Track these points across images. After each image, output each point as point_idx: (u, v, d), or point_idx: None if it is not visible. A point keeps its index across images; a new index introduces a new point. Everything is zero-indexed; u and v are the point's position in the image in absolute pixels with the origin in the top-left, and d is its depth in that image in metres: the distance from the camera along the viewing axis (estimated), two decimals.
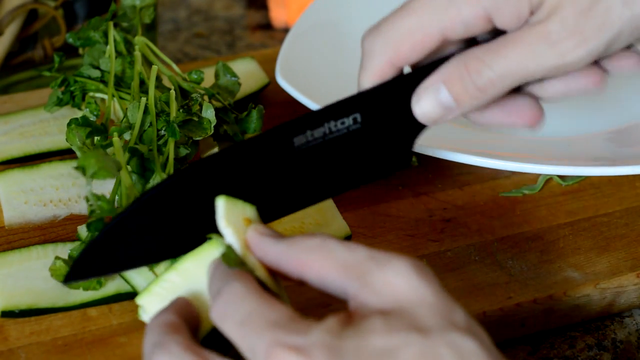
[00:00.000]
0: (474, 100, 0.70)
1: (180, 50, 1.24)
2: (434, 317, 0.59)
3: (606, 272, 0.81)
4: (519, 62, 0.68)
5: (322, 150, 0.71)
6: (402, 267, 0.61)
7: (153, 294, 0.69)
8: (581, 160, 0.87)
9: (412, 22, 0.70)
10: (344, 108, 0.71)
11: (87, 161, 0.73)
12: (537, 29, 0.67)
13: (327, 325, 0.58)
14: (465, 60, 0.69)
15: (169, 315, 0.65)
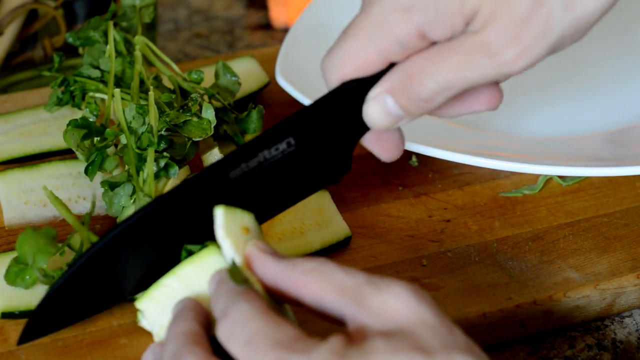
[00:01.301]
0: (420, 110, 0.70)
1: (180, 50, 1.24)
2: (435, 338, 0.59)
3: (606, 273, 0.81)
4: (460, 73, 0.67)
5: (259, 178, 0.72)
6: (400, 290, 0.61)
7: (152, 298, 0.70)
8: (581, 160, 0.87)
9: (351, 47, 0.70)
10: (276, 135, 0.72)
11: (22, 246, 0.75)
12: (474, 40, 0.66)
13: (330, 346, 0.58)
14: (409, 70, 0.68)
15: (190, 323, 0.65)
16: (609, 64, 1.03)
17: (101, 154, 0.85)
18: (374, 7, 0.68)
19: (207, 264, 0.68)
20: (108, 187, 0.81)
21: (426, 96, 0.68)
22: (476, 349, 0.60)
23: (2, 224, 0.86)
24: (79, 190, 0.89)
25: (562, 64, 1.03)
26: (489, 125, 0.93)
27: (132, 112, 0.83)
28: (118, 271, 0.72)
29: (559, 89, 1.00)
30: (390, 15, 0.66)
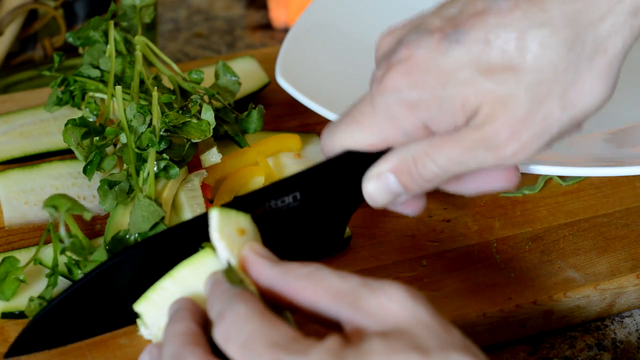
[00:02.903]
0: (421, 189, 0.72)
1: (180, 50, 1.24)
2: (432, 338, 0.59)
3: (606, 273, 0.81)
4: (460, 160, 0.69)
5: (264, 225, 0.73)
6: (395, 291, 0.61)
7: (150, 301, 0.70)
8: (581, 160, 0.87)
9: (354, 132, 0.73)
10: (285, 187, 0.74)
11: (58, 200, 0.75)
12: (475, 135, 0.68)
13: (327, 346, 0.59)
14: (413, 153, 0.71)
15: (188, 323, 0.65)
16: None
17: (100, 153, 0.85)
18: (379, 99, 0.70)
19: (203, 266, 0.68)
20: (107, 186, 0.81)
21: (428, 178, 0.71)
22: (473, 348, 0.60)
23: (2, 224, 0.86)
24: (78, 190, 0.89)
25: None
26: None
27: (133, 111, 0.83)
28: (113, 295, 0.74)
29: None
30: (396, 108, 0.69)
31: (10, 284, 0.77)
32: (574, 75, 0.66)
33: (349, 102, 0.93)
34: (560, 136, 0.69)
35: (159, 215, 0.79)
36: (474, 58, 0.67)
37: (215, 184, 0.89)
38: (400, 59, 0.69)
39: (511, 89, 0.66)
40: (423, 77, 0.68)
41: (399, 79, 0.69)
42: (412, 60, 0.68)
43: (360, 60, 1.01)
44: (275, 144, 0.93)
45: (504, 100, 0.66)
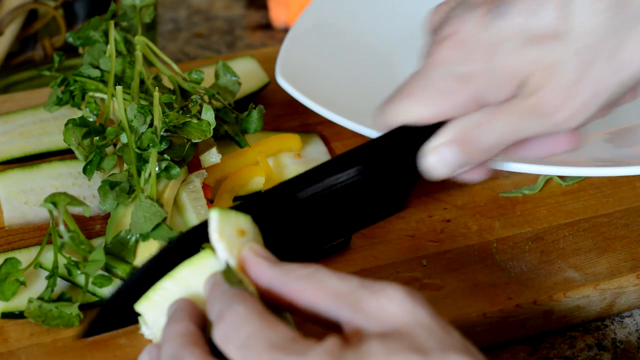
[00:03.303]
0: (479, 159, 0.73)
1: (180, 50, 1.24)
2: (431, 339, 0.59)
3: (606, 273, 0.81)
4: (514, 130, 0.71)
5: (324, 201, 0.73)
6: (395, 292, 0.61)
7: (151, 301, 0.70)
8: (581, 160, 0.87)
9: (407, 106, 0.73)
10: (346, 161, 0.74)
11: (58, 197, 0.76)
12: (525, 103, 0.70)
13: (325, 347, 0.59)
14: (467, 125, 0.72)
15: (186, 324, 0.65)
16: None
17: (100, 153, 0.85)
18: (430, 73, 0.71)
19: (204, 266, 0.68)
20: (108, 187, 0.82)
21: (484, 149, 0.72)
22: (472, 349, 0.60)
23: (2, 224, 0.86)
24: (78, 190, 0.89)
25: None
26: None
27: (134, 111, 0.83)
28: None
29: None
30: (447, 83, 0.71)
31: (10, 285, 0.77)
32: (620, 40, 0.67)
33: (349, 102, 0.94)
34: (614, 102, 0.70)
35: (160, 216, 0.79)
36: (519, 29, 0.68)
37: (215, 184, 0.89)
38: (447, 34, 0.70)
39: (558, 56, 0.67)
40: (471, 50, 0.69)
41: (448, 54, 0.70)
42: (459, 35, 0.70)
43: (360, 60, 1.02)
44: (275, 144, 0.93)
45: (552, 67, 0.68)
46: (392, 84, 0.99)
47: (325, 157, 0.94)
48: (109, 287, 0.78)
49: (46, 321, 0.76)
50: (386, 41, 1.05)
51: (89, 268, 0.76)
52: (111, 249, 0.80)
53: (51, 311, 0.76)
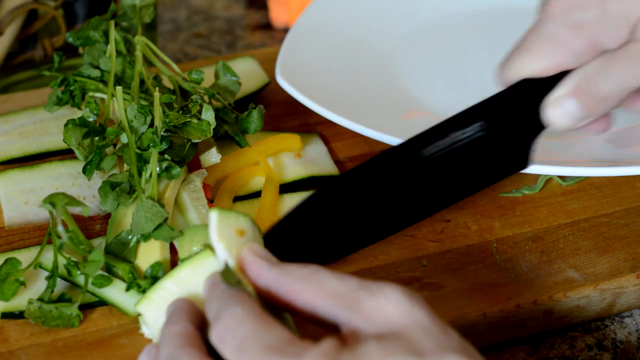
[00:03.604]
0: (601, 109, 0.75)
1: (180, 50, 1.24)
2: (429, 340, 0.59)
3: (606, 273, 0.81)
4: (631, 75, 0.73)
5: (448, 159, 0.75)
6: (393, 293, 0.61)
7: (151, 301, 0.70)
8: (581, 160, 0.87)
9: (528, 62, 0.75)
10: (469, 117, 0.75)
11: (56, 197, 0.76)
12: (637, 46, 0.72)
13: (322, 349, 0.58)
14: (586, 74, 0.74)
15: (184, 324, 0.65)
16: None
17: (99, 153, 0.85)
18: (545, 25, 0.74)
19: (203, 267, 0.68)
20: (109, 187, 0.82)
21: (603, 98, 0.74)
22: (471, 350, 0.60)
23: (2, 224, 0.86)
24: (78, 190, 0.89)
25: None
26: None
27: (134, 111, 0.83)
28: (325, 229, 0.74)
29: None
30: (562, 32, 0.73)
31: (10, 285, 0.77)
32: None
33: (349, 102, 0.94)
34: None
35: (162, 216, 0.79)
36: None
37: (215, 183, 0.89)
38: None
39: None
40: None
41: (561, 4, 0.73)
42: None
43: (361, 60, 1.02)
44: (275, 144, 0.93)
45: None
46: (392, 84, 0.99)
47: (326, 157, 0.94)
48: (109, 288, 0.78)
49: (46, 322, 0.76)
50: (386, 41, 1.05)
51: (89, 268, 0.76)
52: (112, 249, 0.80)
53: (51, 312, 0.76)
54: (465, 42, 1.07)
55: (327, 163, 0.93)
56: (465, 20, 1.10)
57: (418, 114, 0.95)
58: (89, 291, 0.78)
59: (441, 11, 1.10)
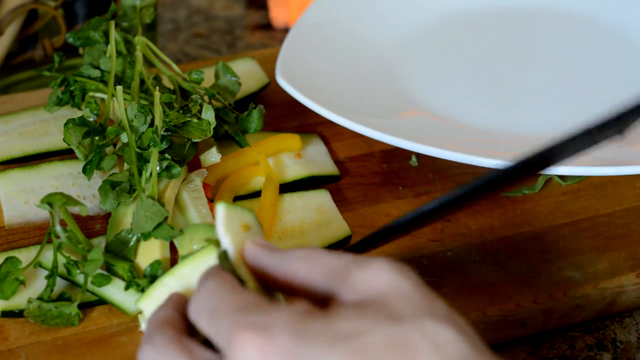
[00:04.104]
0: None
1: (180, 50, 1.24)
2: (409, 307, 0.58)
3: (606, 272, 0.81)
4: None
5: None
6: (381, 265, 0.61)
7: (152, 297, 0.70)
8: (581, 160, 0.87)
9: None
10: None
11: (54, 197, 0.76)
12: None
13: (294, 308, 0.58)
14: None
15: (165, 310, 0.66)
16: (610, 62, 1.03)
17: (99, 153, 0.85)
18: None
19: (205, 263, 0.68)
20: (109, 187, 0.82)
21: None
22: (458, 319, 0.58)
23: (2, 223, 0.86)
24: (78, 190, 0.89)
25: (562, 63, 1.04)
26: (489, 125, 0.93)
27: (134, 111, 0.83)
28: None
29: (559, 88, 1.00)
30: None
31: (10, 284, 0.77)
32: None
33: (349, 102, 0.94)
34: None
35: (162, 215, 0.79)
36: None
37: (215, 183, 0.89)
38: None
39: None
40: None
41: None
42: None
43: (361, 60, 1.02)
44: (275, 144, 0.93)
45: None
46: (392, 84, 1.00)
47: (326, 157, 0.94)
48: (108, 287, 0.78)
49: (45, 321, 0.76)
50: (386, 41, 1.05)
51: (88, 267, 0.76)
52: (112, 248, 0.80)
53: (50, 311, 0.76)
54: (465, 42, 1.07)
55: (327, 163, 0.93)
56: (465, 21, 1.10)
57: (418, 113, 0.95)
58: (89, 290, 0.78)
59: (441, 11, 1.10)
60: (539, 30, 1.10)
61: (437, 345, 0.55)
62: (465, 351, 0.56)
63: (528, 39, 1.08)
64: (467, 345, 0.56)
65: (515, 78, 1.01)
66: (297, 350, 0.56)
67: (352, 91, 0.96)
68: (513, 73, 1.02)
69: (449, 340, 0.56)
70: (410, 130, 0.89)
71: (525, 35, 1.09)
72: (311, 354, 0.56)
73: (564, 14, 1.10)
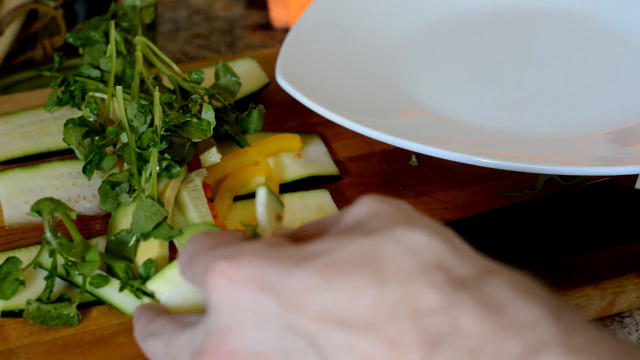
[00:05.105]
0: None
1: (180, 50, 1.24)
2: (383, 221, 0.57)
3: (606, 272, 0.81)
4: None
5: None
6: (368, 197, 0.60)
7: (166, 279, 0.70)
8: (581, 159, 0.87)
9: None
10: None
11: (42, 204, 0.75)
12: None
13: (267, 240, 0.59)
14: None
15: (146, 314, 0.69)
16: (610, 62, 1.03)
17: (99, 152, 0.85)
18: None
19: None
20: (109, 187, 0.82)
21: None
22: (435, 226, 0.57)
23: (2, 223, 0.86)
24: (78, 190, 0.89)
25: (562, 63, 1.03)
26: (489, 125, 0.93)
27: (134, 111, 0.83)
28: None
29: (559, 87, 1.00)
30: None
31: (10, 284, 0.77)
32: None
33: (349, 102, 0.94)
34: None
35: (161, 215, 0.79)
36: None
37: (215, 183, 0.89)
38: None
39: None
40: None
41: None
42: None
43: (361, 60, 1.02)
44: (275, 144, 0.93)
45: None
46: (392, 84, 0.99)
47: (326, 157, 0.94)
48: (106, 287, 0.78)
49: (45, 322, 0.76)
50: (386, 41, 1.05)
51: (86, 269, 0.76)
52: (111, 248, 0.80)
53: (50, 312, 0.76)
54: (465, 43, 1.07)
55: (327, 163, 0.93)
56: (465, 21, 1.10)
57: (418, 113, 0.95)
58: (87, 291, 0.78)
59: (441, 11, 1.10)
60: (539, 30, 1.10)
61: (411, 249, 0.54)
62: (442, 250, 0.54)
63: (528, 39, 1.08)
64: (443, 246, 0.55)
65: (516, 78, 1.01)
66: (262, 273, 0.56)
67: (352, 91, 0.96)
68: (513, 73, 1.02)
69: (423, 243, 0.55)
70: (410, 130, 0.89)
71: (526, 35, 1.09)
72: (275, 273, 0.55)
73: (564, 14, 1.10)
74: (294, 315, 0.55)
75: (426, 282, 0.53)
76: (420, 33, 1.08)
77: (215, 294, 0.58)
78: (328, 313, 0.53)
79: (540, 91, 1.00)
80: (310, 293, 0.54)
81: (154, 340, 0.66)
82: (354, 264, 0.54)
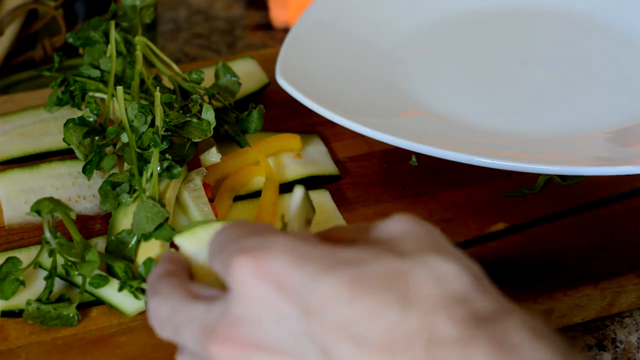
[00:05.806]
0: None
1: (180, 50, 1.24)
2: (416, 245, 0.57)
3: (606, 272, 0.81)
4: None
5: None
6: (401, 216, 0.60)
7: (196, 236, 0.70)
8: (581, 159, 0.87)
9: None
10: None
11: (42, 204, 0.76)
12: None
13: (299, 234, 0.58)
14: None
15: (165, 265, 0.68)
16: (610, 62, 1.03)
17: (99, 152, 0.85)
18: None
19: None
20: (110, 187, 0.82)
21: None
22: (466, 259, 0.57)
23: (2, 223, 0.86)
24: (78, 190, 0.89)
25: (562, 63, 1.03)
26: (489, 125, 0.93)
27: (135, 111, 0.83)
28: None
29: (559, 87, 1.00)
30: None
31: (10, 284, 0.77)
32: None
33: (349, 102, 0.94)
34: None
35: (163, 215, 0.79)
36: None
37: (215, 183, 0.89)
38: None
39: None
40: None
41: None
42: None
43: (361, 60, 1.02)
44: (275, 144, 0.93)
45: None
46: (392, 84, 0.99)
47: (326, 157, 0.94)
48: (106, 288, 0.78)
49: (44, 322, 0.76)
50: (386, 41, 1.05)
51: (85, 269, 0.76)
52: (112, 249, 0.80)
53: (49, 313, 0.76)
54: (465, 43, 1.07)
55: (327, 163, 0.93)
56: (465, 21, 1.10)
57: (418, 113, 0.95)
58: (87, 291, 0.78)
59: (441, 11, 1.10)
60: (539, 30, 1.10)
61: (438, 278, 0.54)
62: (467, 284, 0.55)
63: (528, 39, 1.08)
64: (469, 280, 0.55)
65: (516, 78, 1.01)
66: (288, 273, 0.56)
67: (352, 91, 0.96)
68: (513, 73, 1.02)
69: (451, 274, 0.55)
70: (410, 130, 0.89)
71: (526, 35, 1.09)
72: (301, 276, 0.55)
73: (564, 14, 1.10)
74: (313, 322, 0.55)
75: (447, 313, 0.53)
76: (420, 33, 1.08)
77: (238, 284, 0.57)
78: (347, 326, 0.54)
79: (540, 91, 1.00)
80: (334, 303, 0.54)
81: (160, 300, 0.65)
82: (382, 282, 0.54)
